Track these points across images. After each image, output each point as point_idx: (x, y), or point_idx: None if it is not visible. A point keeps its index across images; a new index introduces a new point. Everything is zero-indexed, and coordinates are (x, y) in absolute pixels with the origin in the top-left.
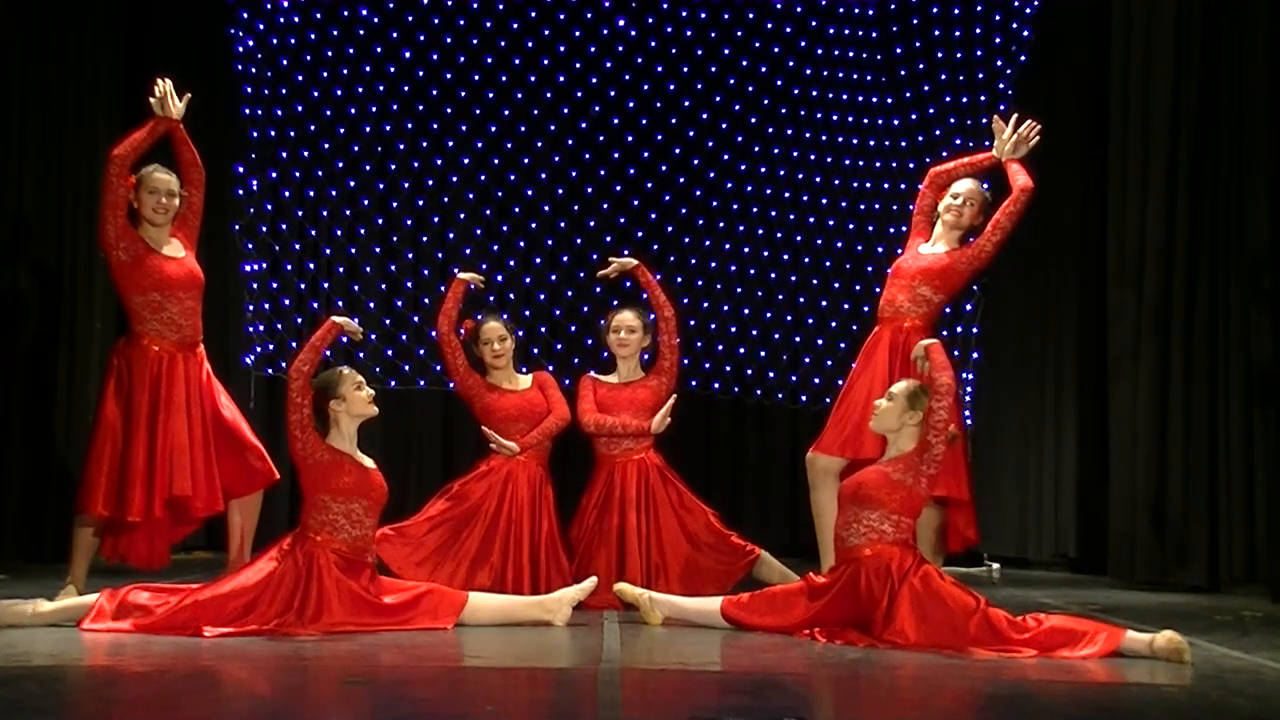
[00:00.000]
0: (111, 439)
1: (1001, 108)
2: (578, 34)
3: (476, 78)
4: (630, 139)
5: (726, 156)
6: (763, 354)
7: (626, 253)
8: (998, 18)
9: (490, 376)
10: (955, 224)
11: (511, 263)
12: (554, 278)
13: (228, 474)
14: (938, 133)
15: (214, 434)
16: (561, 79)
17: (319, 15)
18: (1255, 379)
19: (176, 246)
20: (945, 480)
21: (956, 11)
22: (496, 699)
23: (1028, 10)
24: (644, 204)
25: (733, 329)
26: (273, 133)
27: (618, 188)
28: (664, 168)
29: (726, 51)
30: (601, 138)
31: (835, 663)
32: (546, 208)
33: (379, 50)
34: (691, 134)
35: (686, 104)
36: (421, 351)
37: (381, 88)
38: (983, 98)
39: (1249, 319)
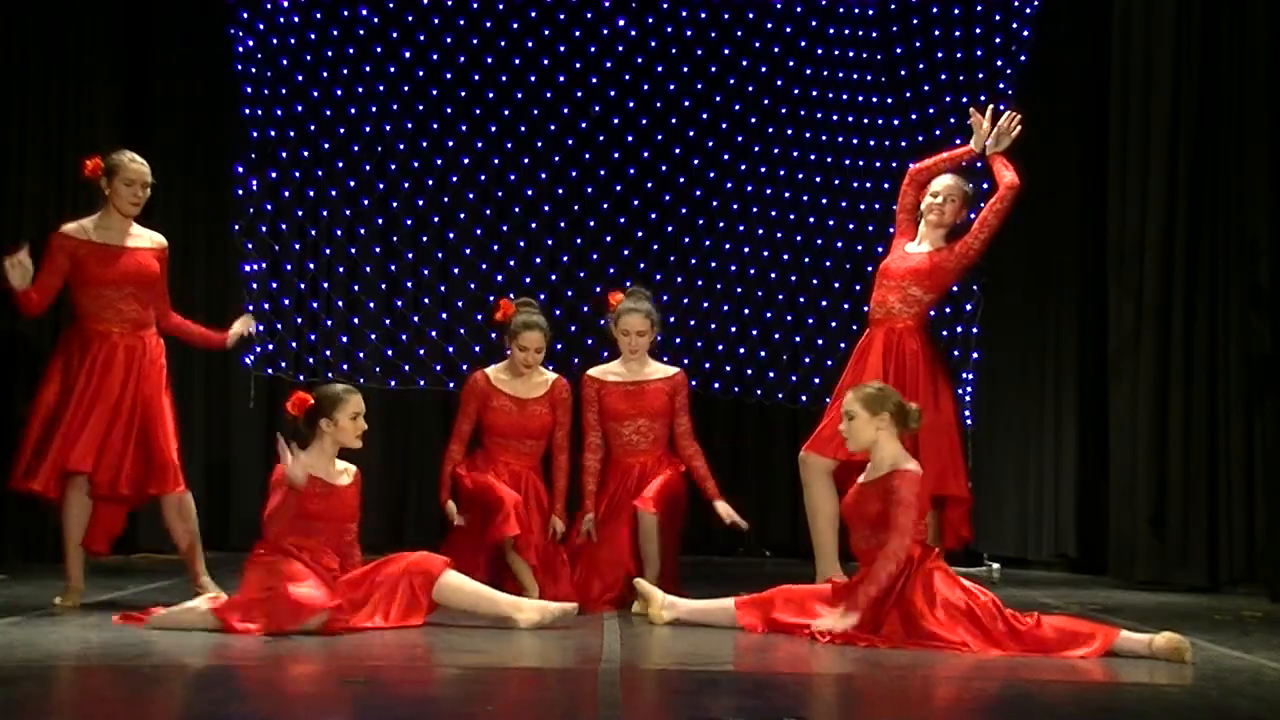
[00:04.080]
0: (45, 416)
1: (1001, 107)
2: (578, 34)
3: (476, 78)
4: (630, 139)
5: (726, 156)
6: (762, 354)
7: (626, 253)
8: (997, 18)
9: (509, 375)
10: (938, 222)
11: (511, 263)
12: (554, 278)
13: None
14: (938, 133)
15: (138, 421)
16: (561, 79)
17: (319, 15)
18: (1255, 378)
19: (138, 235)
20: (947, 478)
21: (956, 11)
22: (496, 699)
23: (1027, 10)
24: (644, 204)
25: (733, 329)
26: (272, 133)
27: (618, 188)
28: (664, 168)
29: (726, 51)
30: (601, 138)
31: (835, 662)
32: (547, 208)
33: (379, 50)
34: (691, 134)
35: (686, 104)
36: (421, 352)
37: (381, 88)
38: (983, 97)
39: (1248, 319)
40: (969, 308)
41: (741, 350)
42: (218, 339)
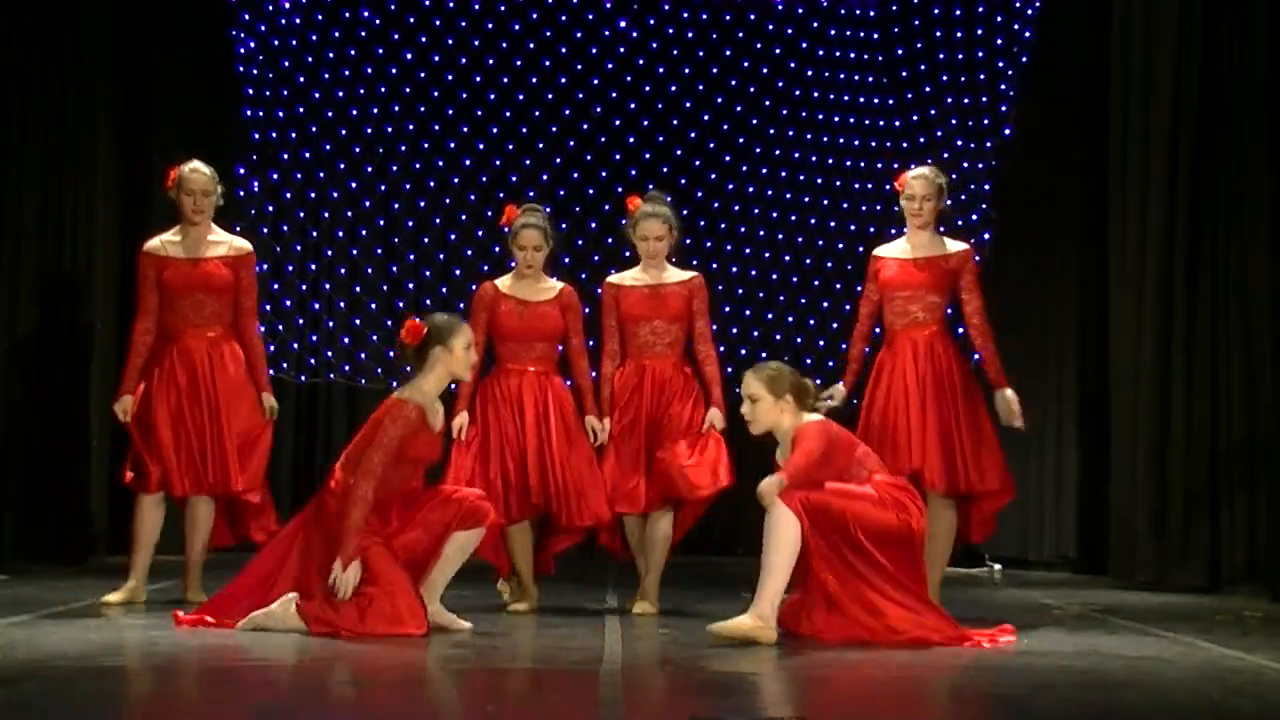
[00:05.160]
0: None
1: (1002, 109)
2: (579, 35)
3: (478, 79)
4: (632, 140)
5: (728, 158)
6: (764, 355)
7: (628, 254)
8: (999, 19)
9: (516, 277)
10: (923, 223)
11: (513, 264)
12: (555, 278)
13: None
14: (939, 134)
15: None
16: (563, 80)
17: (321, 17)
18: (1256, 378)
19: (216, 243)
20: (992, 473)
21: (958, 13)
22: (497, 699)
23: (1029, 12)
24: None
25: (734, 330)
26: (274, 134)
27: (619, 189)
28: (665, 169)
29: (728, 53)
30: (603, 139)
31: (836, 663)
32: (549, 209)
33: (380, 52)
34: (693, 135)
35: (688, 105)
36: None
37: (383, 89)
38: (984, 99)
39: (1249, 319)
40: None
41: (743, 351)
42: (261, 381)
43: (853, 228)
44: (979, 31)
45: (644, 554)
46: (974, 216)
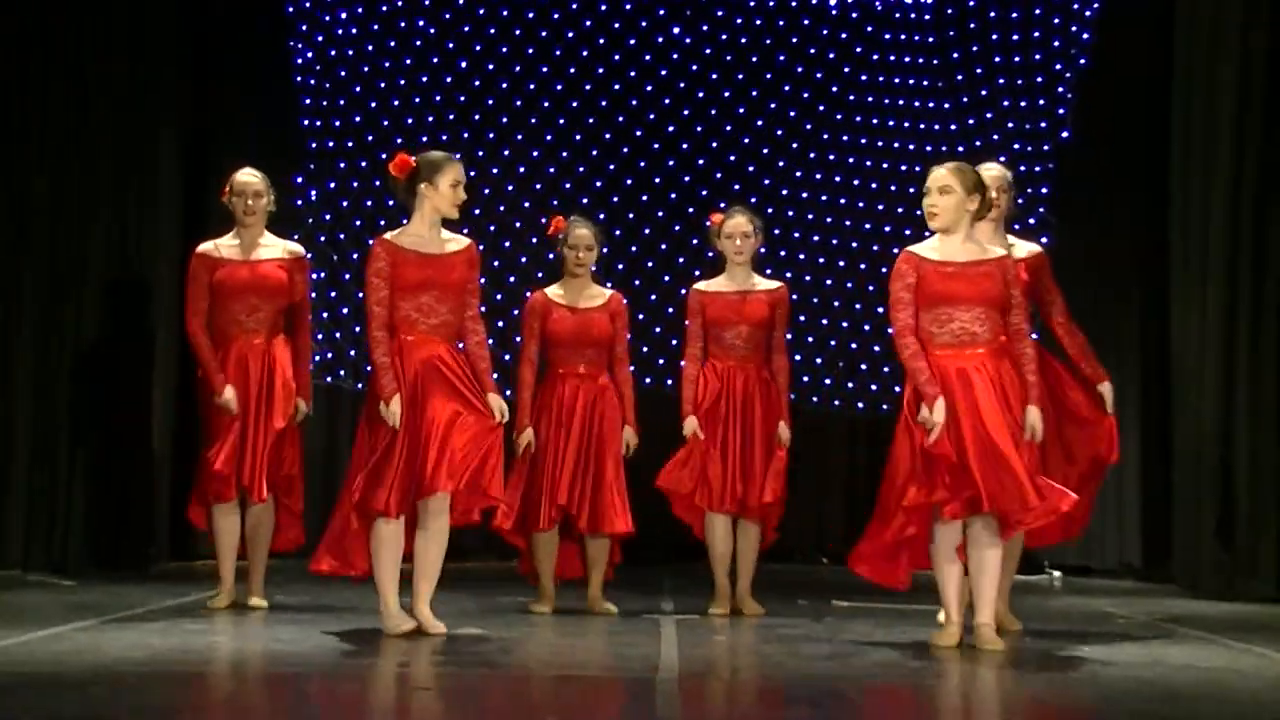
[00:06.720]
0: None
1: (1060, 112)
2: (632, 42)
3: (532, 87)
4: (686, 147)
5: (783, 164)
6: (819, 360)
7: (682, 260)
8: (1056, 21)
9: (566, 284)
10: (1000, 215)
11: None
12: (610, 285)
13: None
14: (995, 137)
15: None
16: (617, 87)
17: (376, 27)
18: None
19: (268, 246)
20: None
21: (1015, 15)
22: (555, 708)
23: (1087, 14)
24: (699, 212)
25: (788, 336)
26: (331, 144)
27: (673, 196)
28: (719, 175)
29: (782, 58)
30: (657, 146)
31: (896, 670)
32: (602, 216)
33: (435, 61)
34: (747, 141)
35: (742, 111)
36: None
37: (438, 98)
38: (1041, 102)
39: None
40: None
41: (799, 357)
42: (302, 383)
43: (909, 232)
44: (1036, 34)
45: (724, 557)
46: (1032, 220)
